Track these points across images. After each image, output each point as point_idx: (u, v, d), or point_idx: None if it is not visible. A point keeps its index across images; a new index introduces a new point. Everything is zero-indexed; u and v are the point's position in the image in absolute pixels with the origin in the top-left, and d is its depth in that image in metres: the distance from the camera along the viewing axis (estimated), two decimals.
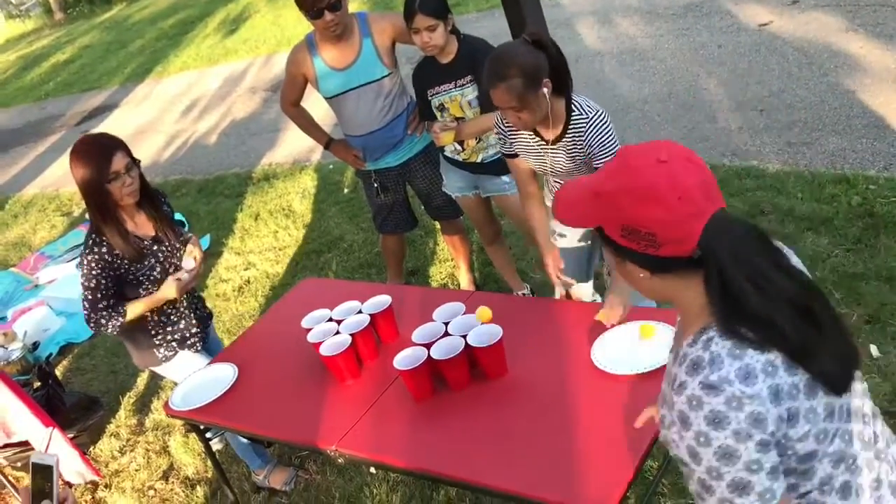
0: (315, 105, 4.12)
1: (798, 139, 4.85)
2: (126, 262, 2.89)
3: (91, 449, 4.12)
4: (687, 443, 1.28)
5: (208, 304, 3.44)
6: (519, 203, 3.17)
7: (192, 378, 2.96)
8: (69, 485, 3.83)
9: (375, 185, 3.91)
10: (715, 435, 1.25)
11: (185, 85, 11.46)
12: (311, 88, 3.78)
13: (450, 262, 4.66)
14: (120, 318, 2.92)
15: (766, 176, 4.52)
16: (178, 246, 3.07)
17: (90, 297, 2.89)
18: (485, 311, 2.54)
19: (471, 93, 3.44)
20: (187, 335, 3.14)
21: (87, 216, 7.30)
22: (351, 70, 3.59)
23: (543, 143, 2.74)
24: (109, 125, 10.59)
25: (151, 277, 2.97)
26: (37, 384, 4.29)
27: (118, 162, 2.78)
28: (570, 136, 2.66)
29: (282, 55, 10.89)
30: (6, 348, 4.67)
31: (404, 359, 2.43)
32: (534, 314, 2.64)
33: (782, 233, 3.96)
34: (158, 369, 3.17)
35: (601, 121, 2.62)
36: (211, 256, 5.84)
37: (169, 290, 2.93)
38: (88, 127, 10.82)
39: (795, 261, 1.45)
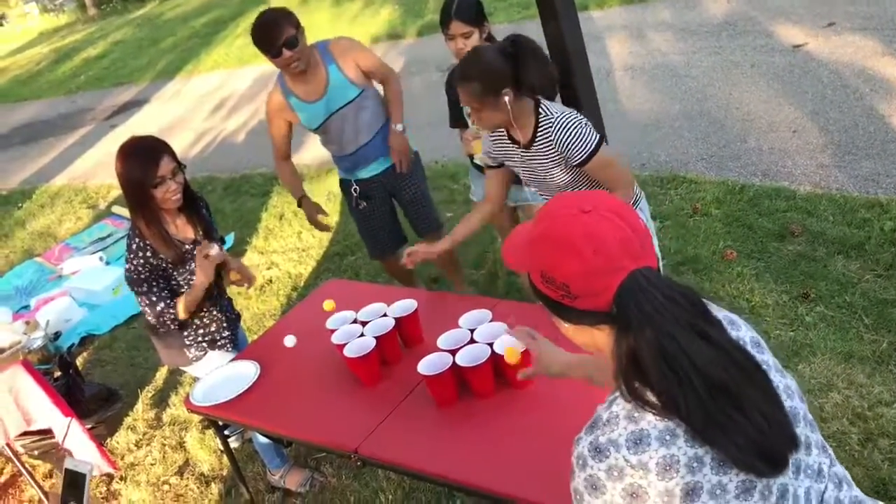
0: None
1: (831, 162, 4.80)
2: (169, 265, 2.89)
3: (108, 441, 4.12)
4: (571, 492, 1.29)
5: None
6: None
7: (214, 374, 2.95)
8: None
9: (355, 193, 3.87)
10: (588, 500, 1.24)
11: (215, 84, 11.54)
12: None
13: (471, 270, 4.64)
14: (173, 313, 2.93)
15: (797, 198, 4.47)
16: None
17: (147, 302, 2.89)
18: (512, 352, 2.27)
19: None
20: (217, 337, 3.14)
21: (112, 210, 7.41)
22: (326, 99, 3.58)
23: (520, 148, 2.81)
24: (139, 120, 10.69)
25: (191, 282, 2.97)
26: (57, 374, 4.30)
27: (165, 166, 2.77)
28: (540, 138, 2.72)
29: None
30: (28, 336, 4.69)
31: (429, 364, 2.41)
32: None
33: (812, 255, 3.92)
34: (188, 369, 3.17)
35: (566, 119, 2.67)
36: (234, 255, 5.84)
37: (199, 274, 2.89)
38: (118, 121, 10.92)
39: (738, 333, 1.34)
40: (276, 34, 3.35)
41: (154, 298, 2.88)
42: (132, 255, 2.84)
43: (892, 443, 2.84)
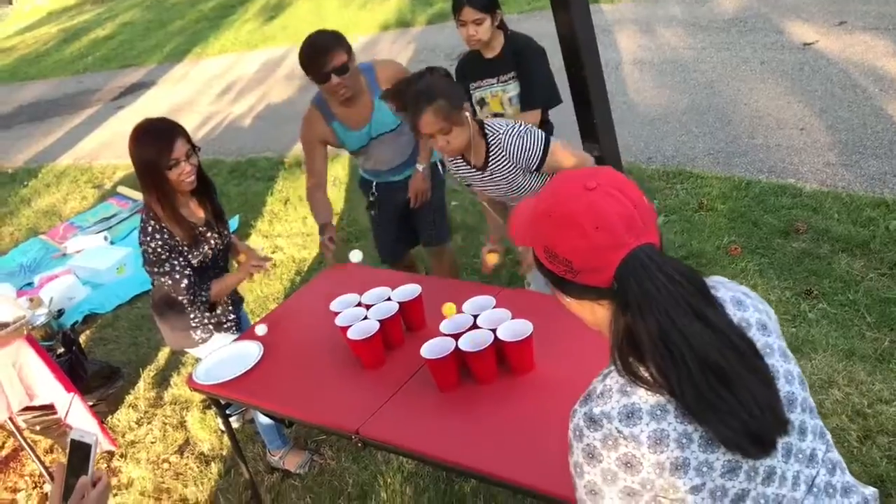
0: None
1: (838, 160, 4.79)
2: (185, 247, 2.91)
3: (109, 418, 4.14)
4: (570, 467, 1.32)
5: None
6: None
7: (217, 353, 2.96)
8: None
9: (371, 198, 3.80)
10: (587, 469, 1.27)
11: (222, 67, 11.53)
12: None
13: (474, 259, 4.65)
14: (206, 294, 2.99)
15: (803, 195, 4.47)
16: (225, 233, 3.11)
17: (171, 281, 2.91)
18: (450, 307, 2.59)
19: (513, 89, 3.43)
20: (223, 319, 3.16)
21: (117, 190, 7.41)
22: (369, 127, 3.44)
23: (479, 171, 2.89)
24: (146, 102, 10.69)
25: (204, 264, 3.00)
26: (60, 350, 4.32)
27: (179, 148, 2.78)
28: (493, 154, 2.79)
29: None
30: (32, 313, 4.71)
31: (432, 348, 2.42)
32: (562, 312, 2.61)
33: (816, 253, 3.92)
34: (193, 350, 3.19)
35: (510, 130, 2.74)
36: (239, 238, 5.84)
37: (239, 275, 3.10)
38: (124, 103, 10.92)
39: (743, 314, 1.35)
40: (325, 59, 3.14)
41: (178, 276, 2.91)
42: (149, 238, 2.86)
43: (890, 440, 2.85)
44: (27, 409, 3.70)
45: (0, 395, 3.40)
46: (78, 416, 3.58)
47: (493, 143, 2.77)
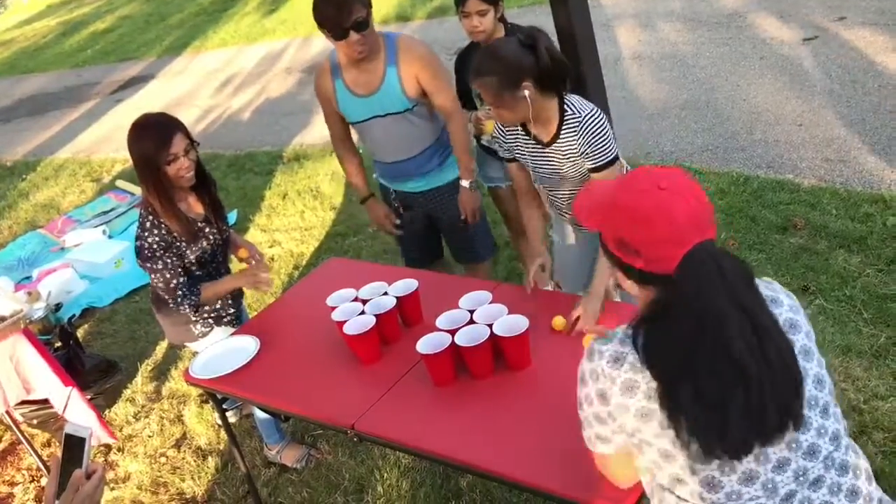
0: None
1: (836, 156, 4.79)
2: (183, 242, 2.90)
3: (106, 412, 4.15)
4: (577, 404, 1.60)
5: None
6: None
7: (214, 348, 2.96)
8: None
9: (395, 204, 3.58)
10: (579, 389, 1.57)
11: (221, 61, 11.51)
12: None
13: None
14: (195, 298, 2.96)
15: (801, 190, 4.47)
16: (224, 228, 3.10)
17: (161, 279, 2.90)
18: (559, 321, 2.55)
19: None
20: (223, 313, 3.16)
21: (116, 184, 7.41)
22: (373, 98, 3.20)
23: (539, 145, 2.71)
24: (144, 96, 10.67)
25: (203, 259, 2.99)
26: (58, 344, 4.33)
27: (178, 143, 2.76)
28: (565, 135, 2.62)
29: (319, 38, 10.90)
30: (30, 306, 4.71)
31: (428, 343, 2.42)
32: (559, 308, 2.62)
33: (813, 249, 3.92)
34: (193, 345, 3.18)
35: (594, 119, 2.57)
36: (237, 232, 5.83)
37: (236, 281, 3.11)
38: (123, 96, 10.90)
39: (778, 310, 1.49)
40: (346, 13, 2.95)
41: (168, 275, 2.89)
42: (146, 233, 2.85)
43: (886, 436, 2.86)
44: (24, 402, 3.71)
45: None
46: (76, 409, 3.59)
47: (570, 120, 2.59)
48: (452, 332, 2.41)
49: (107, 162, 8.28)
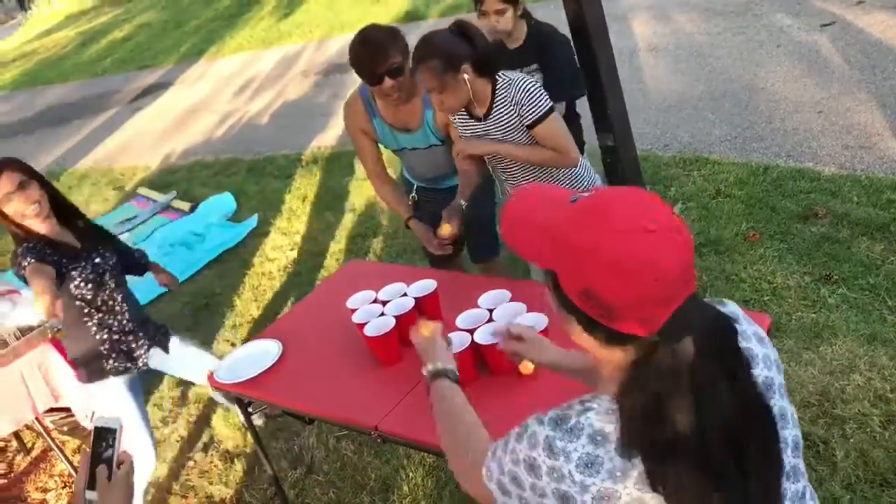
0: None
1: (856, 143, 4.74)
2: (63, 256, 2.81)
3: None
4: (505, 436, 1.35)
5: (253, 283, 3.45)
6: None
7: (237, 352, 2.99)
8: None
9: (411, 202, 3.53)
10: (520, 471, 1.26)
11: (238, 66, 11.59)
12: None
13: None
14: (24, 263, 2.70)
15: (822, 179, 4.43)
16: (108, 255, 3.01)
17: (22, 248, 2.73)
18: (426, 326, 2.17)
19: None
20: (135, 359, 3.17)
21: (138, 191, 7.47)
22: (411, 136, 3.23)
23: (478, 122, 2.87)
24: (163, 103, 10.78)
25: (86, 277, 2.91)
26: None
27: (6, 183, 2.65)
28: (498, 102, 2.78)
29: (335, 40, 10.97)
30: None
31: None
32: None
33: (835, 237, 3.89)
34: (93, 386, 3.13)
35: (522, 80, 2.75)
36: (258, 236, 5.92)
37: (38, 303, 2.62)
38: (143, 104, 11.01)
39: (765, 351, 1.28)
40: (381, 59, 2.89)
41: (30, 245, 2.74)
42: (24, 261, 2.69)
43: None
44: (54, 410, 3.76)
45: (26, 396, 3.46)
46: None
47: (500, 91, 2.76)
48: (472, 332, 2.42)
49: (128, 170, 8.37)
